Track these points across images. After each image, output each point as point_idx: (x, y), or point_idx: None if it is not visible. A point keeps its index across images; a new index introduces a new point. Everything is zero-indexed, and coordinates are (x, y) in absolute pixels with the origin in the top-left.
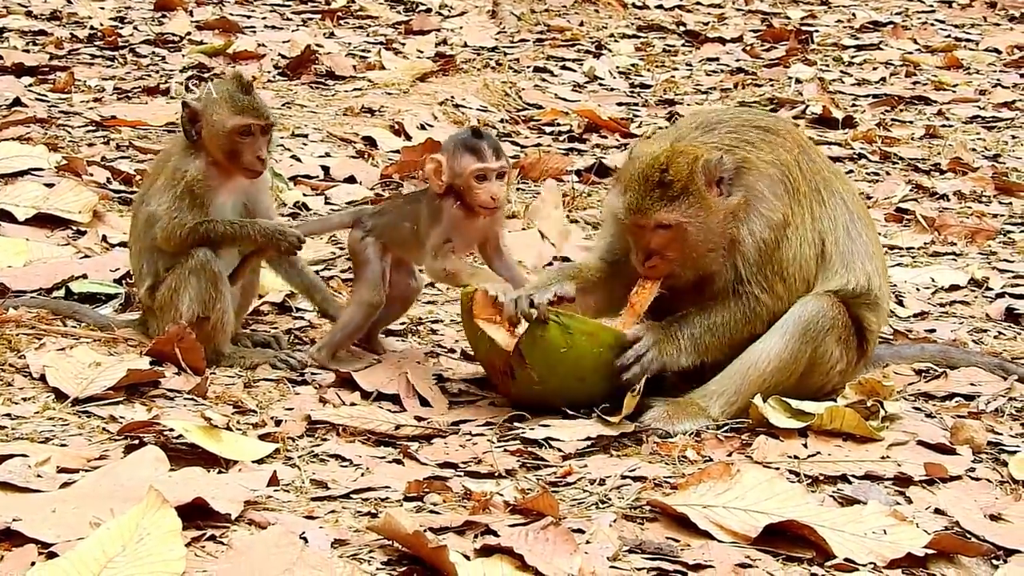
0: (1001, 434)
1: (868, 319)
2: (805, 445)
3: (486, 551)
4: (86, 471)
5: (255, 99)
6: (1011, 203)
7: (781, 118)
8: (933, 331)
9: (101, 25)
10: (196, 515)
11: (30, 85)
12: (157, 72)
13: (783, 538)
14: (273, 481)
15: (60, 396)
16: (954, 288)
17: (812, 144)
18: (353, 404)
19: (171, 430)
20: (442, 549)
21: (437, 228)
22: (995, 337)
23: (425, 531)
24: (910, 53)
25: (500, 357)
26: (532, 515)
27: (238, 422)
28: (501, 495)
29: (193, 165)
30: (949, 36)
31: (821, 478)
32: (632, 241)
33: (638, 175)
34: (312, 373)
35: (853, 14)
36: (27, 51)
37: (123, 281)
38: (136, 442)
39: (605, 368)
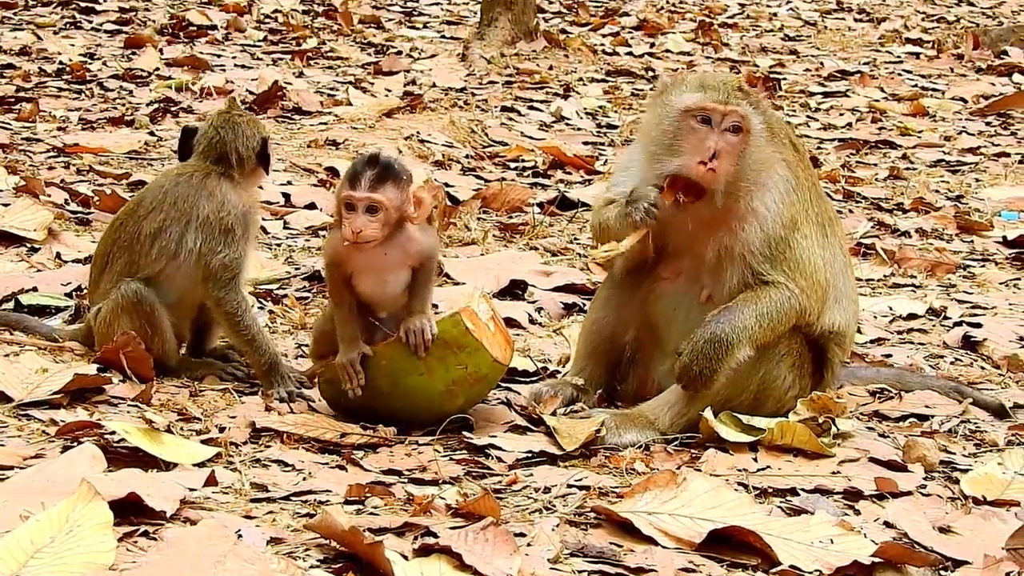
0: (954, 453)
1: (833, 351)
2: (755, 459)
3: (424, 551)
4: (20, 468)
5: None
6: (972, 241)
7: None
8: (890, 356)
9: (70, 60)
10: (130, 511)
11: None
12: (123, 105)
13: (728, 545)
14: (211, 481)
15: (2, 399)
16: (912, 317)
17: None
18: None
19: (112, 433)
20: (378, 545)
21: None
22: (951, 363)
23: (364, 531)
24: (877, 101)
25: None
26: (474, 518)
27: (181, 428)
28: (443, 499)
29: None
30: (916, 85)
31: (770, 491)
32: (692, 143)
33: (714, 78)
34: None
35: (821, 63)
36: None
37: (73, 294)
38: (74, 444)
39: (391, 375)
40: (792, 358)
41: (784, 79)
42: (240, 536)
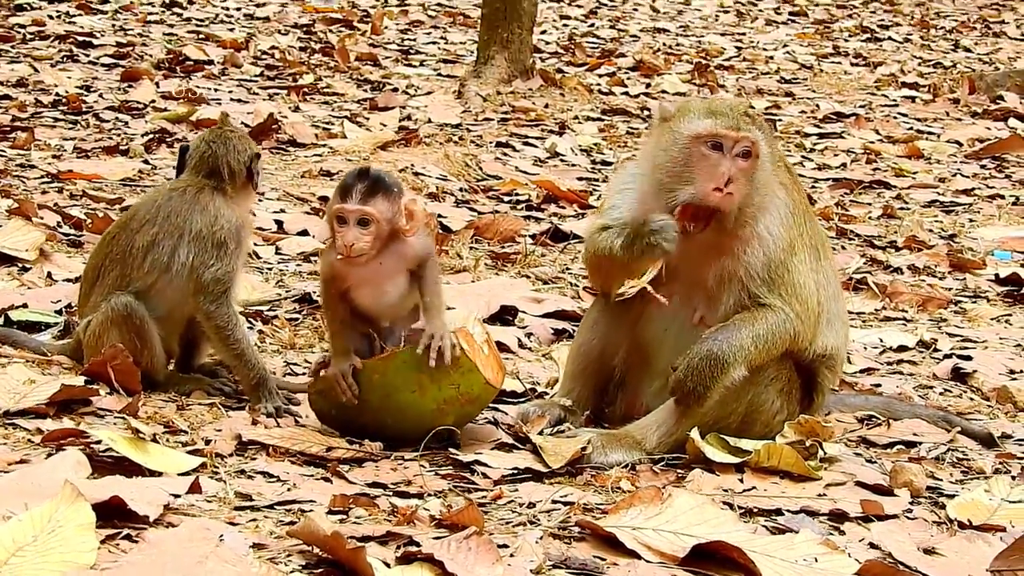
0: (941, 480)
1: (824, 375)
2: (741, 480)
3: (407, 559)
4: (4, 473)
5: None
6: (965, 278)
7: None
8: (879, 386)
9: (67, 92)
10: (113, 515)
11: None
12: (119, 135)
13: (712, 561)
14: (195, 488)
15: None
16: (902, 349)
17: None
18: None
19: (98, 442)
20: (359, 550)
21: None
22: (940, 394)
23: (347, 539)
24: (872, 143)
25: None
26: (457, 529)
27: (167, 440)
28: (427, 510)
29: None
30: (911, 128)
31: (755, 511)
32: (705, 170)
33: (721, 104)
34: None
35: (817, 105)
36: None
37: (63, 311)
38: (59, 451)
39: (382, 390)
40: (781, 383)
41: (779, 120)
42: (222, 539)
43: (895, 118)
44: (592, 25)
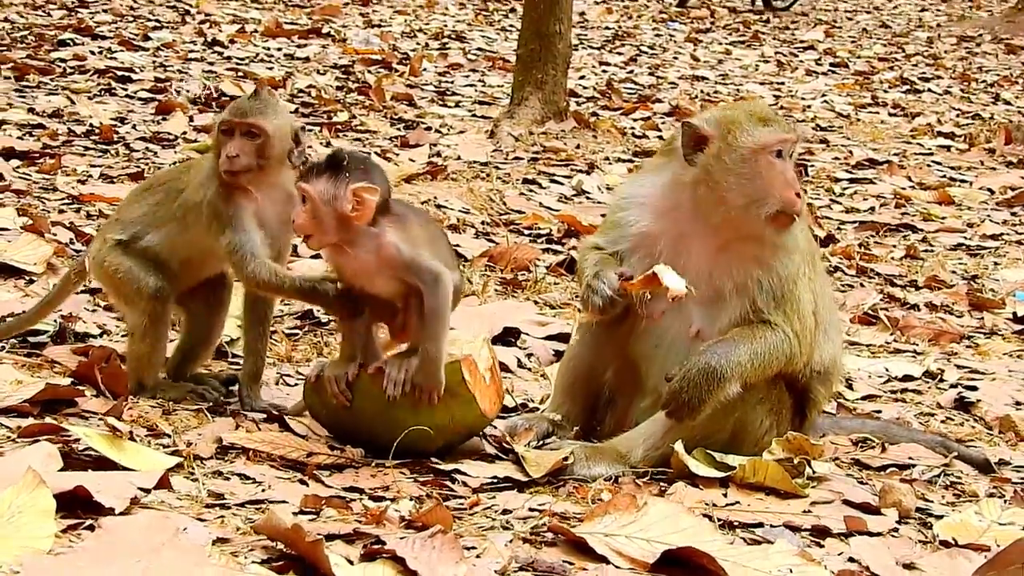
0: (931, 501)
1: (817, 391)
2: (725, 495)
3: (370, 556)
4: None
5: (245, 100)
6: (983, 317)
7: None
8: (879, 412)
9: (100, 123)
10: (79, 506)
11: (17, 167)
12: (146, 163)
13: (683, 568)
14: (164, 482)
15: None
16: (908, 379)
17: None
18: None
19: (76, 441)
20: (318, 543)
21: None
22: (942, 422)
23: (307, 532)
24: (903, 188)
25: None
26: (425, 529)
27: (149, 443)
28: (397, 510)
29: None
30: (944, 176)
31: (736, 524)
32: (776, 178)
33: (758, 109)
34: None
35: (851, 152)
36: (21, 139)
37: (58, 319)
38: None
39: (379, 403)
40: (771, 402)
41: (812, 166)
42: (185, 531)
43: (928, 166)
44: (631, 72)
